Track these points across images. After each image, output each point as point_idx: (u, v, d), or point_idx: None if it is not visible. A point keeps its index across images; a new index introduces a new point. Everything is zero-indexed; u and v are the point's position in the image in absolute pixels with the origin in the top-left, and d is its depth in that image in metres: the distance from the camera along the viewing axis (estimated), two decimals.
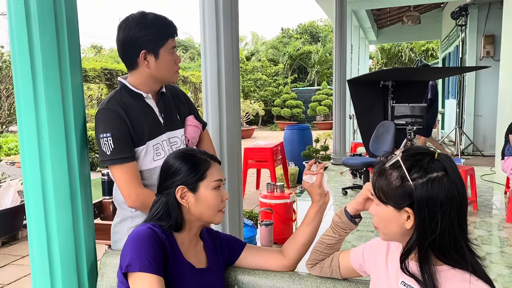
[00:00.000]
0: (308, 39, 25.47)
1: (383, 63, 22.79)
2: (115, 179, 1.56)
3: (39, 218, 1.49)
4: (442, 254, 1.03)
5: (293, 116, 18.98)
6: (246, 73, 20.29)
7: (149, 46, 1.54)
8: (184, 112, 1.77)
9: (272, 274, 1.42)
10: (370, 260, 1.25)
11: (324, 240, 1.35)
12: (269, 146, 6.47)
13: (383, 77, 6.19)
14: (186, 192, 1.27)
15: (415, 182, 1.02)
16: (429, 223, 1.00)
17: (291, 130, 7.83)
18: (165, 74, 1.60)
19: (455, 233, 1.02)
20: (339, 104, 7.87)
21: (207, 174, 1.29)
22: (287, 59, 22.54)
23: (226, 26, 2.36)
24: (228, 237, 1.46)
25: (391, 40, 16.62)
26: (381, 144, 5.39)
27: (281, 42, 24.82)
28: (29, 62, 1.41)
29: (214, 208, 1.30)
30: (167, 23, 1.57)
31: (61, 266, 1.51)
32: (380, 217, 1.10)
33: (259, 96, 19.74)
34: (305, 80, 23.34)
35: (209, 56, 2.38)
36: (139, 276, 1.13)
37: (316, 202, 1.40)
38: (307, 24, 26.55)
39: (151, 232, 1.20)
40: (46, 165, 1.46)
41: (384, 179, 1.06)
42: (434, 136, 12.10)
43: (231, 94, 2.41)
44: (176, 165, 1.29)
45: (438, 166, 1.03)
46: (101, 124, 1.54)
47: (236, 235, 2.56)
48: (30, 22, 1.40)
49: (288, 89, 19.84)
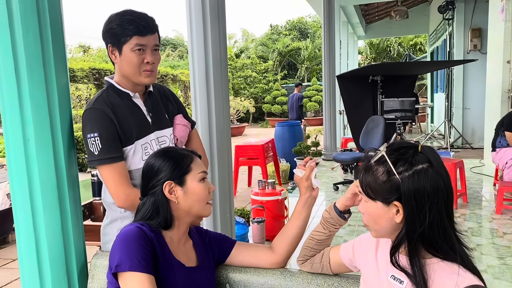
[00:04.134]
0: (297, 35, 25.48)
1: (372, 58, 22.89)
2: (104, 180, 1.55)
3: (27, 221, 1.47)
4: (431, 246, 1.04)
5: (284, 113, 18.99)
6: (236, 71, 20.27)
7: (113, 40, 1.54)
8: (173, 111, 1.76)
9: (264, 271, 1.42)
10: (360, 255, 1.25)
11: (314, 236, 1.35)
12: (260, 143, 6.47)
13: (372, 72, 6.21)
14: (174, 187, 1.27)
15: (402, 176, 1.02)
16: (417, 215, 1.01)
17: (281, 127, 7.82)
18: (128, 72, 1.56)
19: (443, 223, 1.03)
20: (329, 100, 7.89)
21: (192, 167, 1.30)
22: (277, 55, 22.53)
23: (213, 23, 2.35)
24: (217, 235, 1.46)
25: (380, 35, 16.71)
26: (371, 138, 5.42)
27: (270, 39, 24.80)
28: (12, 63, 1.39)
29: (203, 199, 1.30)
30: (133, 20, 1.51)
31: (51, 269, 1.50)
32: (369, 214, 1.10)
33: (249, 94, 19.72)
34: (295, 77, 23.35)
35: (196, 54, 2.37)
36: (129, 276, 1.13)
37: (303, 195, 1.41)
38: (296, 21, 26.56)
39: (140, 231, 1.19)
40: (32, 167, 1.45)
41: (370, 175, 1.07)
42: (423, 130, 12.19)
43: (219, 92, 2.41)
44: (159, 163, 1.28)
45: (422, 158, 1.04)
46: (88, 124, 1.52)
47: (227, 233, 2.56)
48: (12, 22, 1.38)
49: (278, 86, 19.86)
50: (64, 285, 1.53)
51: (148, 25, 1.53)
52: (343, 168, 6.76)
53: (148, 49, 1.54)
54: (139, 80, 1.57)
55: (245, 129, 16.24)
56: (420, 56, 17.00)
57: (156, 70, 1.60)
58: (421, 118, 13.29)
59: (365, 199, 1.10)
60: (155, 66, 1.58)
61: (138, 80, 1.57)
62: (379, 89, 6.20)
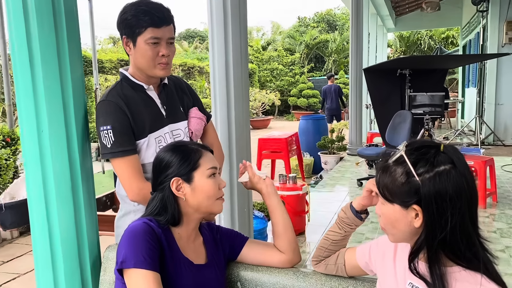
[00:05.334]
0: (325, 27, 25.12)
1: (402, 51, 22.37)
2: (117, 173, 1.54)
3: (41, 212, 1.48)
4: (453, 253, 0.97)
5: (310, 106, 18.79)
6: (262, 63, 20.17)
7: (128, 31, 1.50)
8: (188, 104, 1.73)
9: (276, 270, 1.38)
10: (377, 259, 1.19)
11: (329, 236, 1.30)
12: (283, 136, 6.41)
13: (400, 65, 6.04)
14: (181, 183, 1.24)
15: (422, 177, 0.96)
16: (438, 220, 0.95)
17: (306, 120, 7.74)
18: (143, 65, 1.53)
19: (467, 228, 0.96)
20: (355, 94, 7.74)
21: (200, 163, 1.26)
22: (304, 48, 22.30)
23: (234, 16, 2.31)
24: (229, 231, 1.42)
25: (410, 28, 16.26)
26: (398, 134, 5.28)
27: (297, 31, 24.54)
28: (27, 55, 1.39)
29: (212, 196, 1.26)
30: (148, 11, 1.47)
31: (63, 260, 1.50)
32: (386, 217, 1.03)
33: (275, 86, 19.60)
34: (322, 70, 23.08)
35: (217, 47, 2.33)
36: (134, 273, 1.10)
37: (261, 190, 1.43)
38: (324, 13, 26.18)
39: (147, 227, 1.17)
40: (46, 158, 1.45)
41: (388, 176, 1.00)
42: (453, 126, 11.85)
43: (239, 85, 2.36)
44: (167, 158, 1.25)
45: (444, 159, 0.97)
46: (101, 117, 1.51)
47: (245, 228, 2.53)
48: (27, 13, 1.38)
49: (305, 79, 19.64)
50: (77, 276, 1.54)
51: (163, 17, 1.49)
52: (368, 163, 6.63)
53: (163, 41, 1.51)
54: (153, 73, 1.54)
55: (270, 122, 16.16)
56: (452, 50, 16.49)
57: (171, 63, 1.57)
58: (451, 113, 12.91)
59: (382, 201, 1.03)
60: (170, 59, 1.55)
61: (152, 73, 1.54)
62: (407, 83, 6.01)
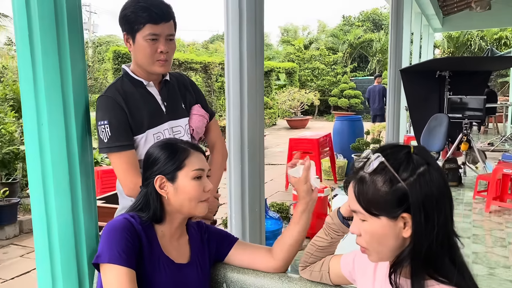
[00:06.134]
0: (370, 27, 24.58)
1: (450, 52, 21.52)
2: (113, 167, 1.56)
3: (40, 204, 1.51)
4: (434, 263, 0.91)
5: (351, 107, 18.45)
6: (303, 62, 19.99)
7: (127, 28, 1.51)
8: (190, 101, 1.72)
9: (262, 274, 1.35)
10: (359, 269, 1.14)
11: (316, 242, 1.25)
12: (315, 137, 6.32)
13: (440, 66, 5.80)
14: (165, 182, 1.23)
15: (407, 182, 0.90)
16: (426, 225, 0.89)
17: (341, 121, 7.60)
18: (141, 61, 1.54)
19: (450, 228, 0.92)
20: (394, 95, 7.48)
21: (186, 163, 1.24)
22: (347, 47, 21.91)
23: (249, 15, 2.28)
24: (218, 231, 1.40)
25: (459, 28, 15.58)
26: (433, 138, 5.08)
27: (341, 30, 24.15)
28: (29, 48, 1.43)
29: (194, 198, 1.23)
30: (147, 7, 1.47)
31: (60, 251, 1.53)
32: (371, 234, 0.94)
33: (316, 86, 19.38)
34: (366, 70, 22.60)
35: (231, 46, 2.31)
36: (108, 268, 1.11)
37: (302, 199, 1.30)
38: (370, 12, 25.62)
39: (126, 223, 1.17)
40: (45, 151, 1.48)
41: (369, 188, 0.93)
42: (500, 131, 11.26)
43: (253, 85, 2.33)
44: (155, 154, 1.25)
45: (419, 159, 0.91)
46: (99, 112, 1.53)
47: (256, 228, 2.51)
48: (29, 7, 1.41)
49: (347, 79, 19.29)
50: (73, 268, 1.56)
51: (162, 13, 1.49)
52: None
53: (161, 38, 1.51)
54: (152, 69, 1.55)
55: (309, 122, 15.99)
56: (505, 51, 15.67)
57: (170, 59, 1.57)
58: (499, 118, 12.27)
59: (363, 217, 0.95)
60: (169, 55, 1.55)
61: (151, 69, 1.55)
62: (446, 85, 5.77)
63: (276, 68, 17.70)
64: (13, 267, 3.79)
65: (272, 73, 17.23)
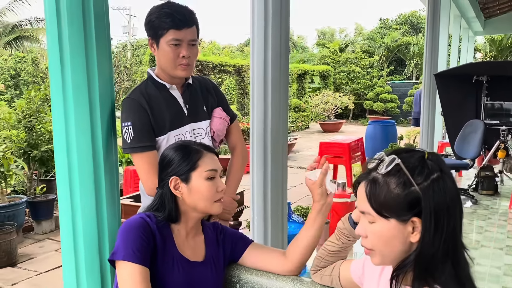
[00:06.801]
0: (408, 29, 24.07)
1: (493, 56, 20.77)
2: (135, 167, 1.61)
3: (66, 202, 1.58)
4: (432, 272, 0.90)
5: (387, 111, 18.11)
6: (338, 65, 19.80)
7: (152, 33, 1.57)
8: (212, 104, 1.76)
9: (275, 276, 1.37)
10: (367, 274, 1.14)
11: (327, 247, 1.26)
12: (346, 141, 6.27)
13: (477, 71, 5.62)
14: (179, 183, 1.27)
15: (421, 186, 0.89)
16: (434, 232, 0.89)
17: (374, 126, 7.51)
18: (164, 65, 1.59)
19: (458, 238, 0.91)
20: (429, 100, 7.30)
21: (199, 164, 1.28)
22: (384, 50, 21.55)
23: (275, 19, 2.30)
24: (234, 233, 1.43)
25: (502, 31, 15.06)
26: (467, 144, 4.94)
27: (378, 33, 23.78)
28: (58, 52, 1.50)
29: (209, 198, 1.28)
30: (170, 13, 1.53)
31: (84, 247, 1.60)
32: (378, 236, 0.94)
33: (351, 89, 19.15)
34: (402, 73, 22.16)
35: (256, 49, 2.34)
36: (122, 265, 1.16)
37: (317, 202, 1.31)
38: (408, 14, 25.10)
39: (142, 222, 1.21)
40: (72, 151, 1.55)
41: (380, 189, 0.93)
42: None
43: (277, 88, 2.35)
44: (170, 156, 1.29)
45: (433, 165, 0.90)
46: (124, 113, 1.59)
47: (278, 231, 2.52)
48: (59, 13, 1.48)
49: (383, 82, 18.96)
50: (96, 264, 1.62)
51: (184, 19, 1.54)
52: None
53: (184, 43, 1.56)
54: (174, 74, 1.60)
55: (342, 126, 15.82)
56: None
57: (192, 64, 1.62)
58: None
59: (371, 218, 0.95)
60: (191, 60, 1.60)
61: (173, 73, 1.60)
62: (484, 90, 5.59)
63: (310, 71, 17.62)
64: (48, 261, 3.96)
65: (306, 76, 17.17)
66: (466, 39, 12.09)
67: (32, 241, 4.48)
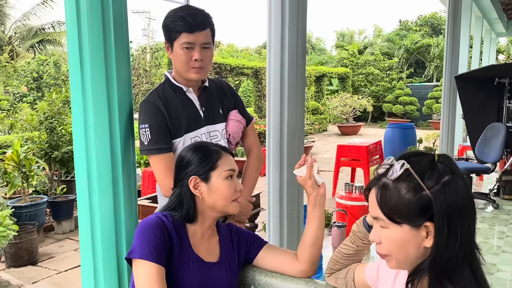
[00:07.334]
0: (429, 31, 23.76)
1: None
2: (152, 169, 1.63)
3: (85, 201, 1.61)
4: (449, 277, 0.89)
5: (406, 114, 17.89)
6: (357, 67, 19.66)
7: (167, 36, 1.59)
8: (228, 106, 1.77)
9: (289, 278, 1.37)
10: (382, 277, 1.13)
11: (341, 250, 1.26)
12: (364, 144, 6.22)
13: (499, 73, 5.52)
14: (199, 182, 1.29)
15: (432, 190, 0.89)
16: (448, 236, 0.88)
17: (392, 129, 7.43)
18: (178, 68, 1.61)
19: (472, 240, 0.90)
20: (449, 102, 7.19)
21: (219, 164, 1.30)
22: (403, 52, 21.31)
23: (291, 19, 2.31)
24: (248, 234, 1.44)
25: None
26: (489, 148, 4.84)
27: (398, 34, 23.54)
28: (78, 56, 1.53)
29: (227, 198, 1.30)
30: (183, 17, 1.54)
31: (102, 246, 1.63)
32: (392, 242, 0.94)
33: (369, 92, 18.98)
34: (422, 76, 21.88)
35: (273, 52, 2.35)
36: (139, 263, 1.17)
37: (310, 195, 1.34)
38: (428, 16, 24.79)
39: (158, 221, 1.23)
40: (91, 152, 1.58)
41: (392, 195, 0.92)
42: None
43: (293, 90, 2.35)
44: (188, 157, 1.31)
45: (444, 168, 0.90)
46: (141, 116, 1.62)
47: (294, 234, 2.52)
48: (80, 18, 1.51)
49: (402, 85, 18.74)
50: (113, 262, 1.65)
51: (197, 22, 1.55)
52: None
53: (196, 46, 1.57)
54: (188, 76, 1.62)
55: (361, 129, 15.69)
56: None
57: (206, 67, 1.62)
58: None
59: (384, 224, 0.94)
60: (204, 63, 1.60)
61: (187, 76, 1.62)
62: (506, 93, 5.48)
63: (328, 73, 17.54)
64: (68, 260, 4.04)
65: (324, 78, 17.09)
66: (488, 40, 11.87)
67: (52, 241, 4.58)
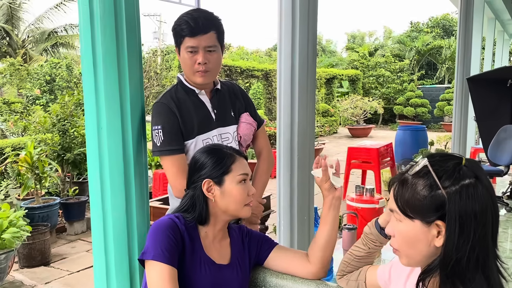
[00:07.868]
0: (440, 33, 23.58)
1: None
2: (164, 170, 1.65)
3: (97, 202, 1.63)
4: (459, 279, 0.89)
5: (417, 116, 17.75)
6: (368, 69, 19.57)
7: (175, 41, 1.62)
8: (240, 109, 1.78)
9: (300, 280, 1.37)
10: (394, 279, 1.13)
11: (353, 252, 1.26)
12: (375, 146, 6.19)
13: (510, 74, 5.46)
14: (212, 185, 1.30)
15: (447, 190, 0.89)
16: (459, 238, 0.88)
17: (403, 131, 7.38)
18: (185, 72, 1.63)
19: (486, 248, 0.89)
20: (461, 104, 7.13)
21: (232, 168, 1.30)
22: (414, 54, 21.17)
23: (302, 21, 2.31)
24: (259, 235, 1.44)
25: None
26: (501, 151, 4.79)
27: (409, 36, 23.38)
28: (91, 59, 1.55)
29: (240, 201, 1.30)
30: (186, 21, 1.56)
31: (114, 247, 1.64)
32: (403, 236, 0.96)
33: (380, 94, 18.87)
34: (434, 77, 21.70)
35: (283, 54, 2.35)
36: (152, 264, 1.18)
37: (326, 197, 1.34)
38: (440, 17, 24.60)
39: (171, 223, 1.24)
40: (103, 153, 1.60)
41: (408, 190, 0.94)
42: None
43: (304, 92, 2.36)
44: (202, 159, 1.32)
45: (468, 172, 0.90)
46: (154, 117, 1.63)
47: (304, 236, 2.51)
48: (93, 22, 1.54)
49: (414, 87, 18.60)
50: (125, 263, 1.67)
51: (198, 26, 1.56)
52: None
53: (200, 50, 1.58)
54: (193, 80, 1.64)
55: (372, 131, 15.60)
56: None
57: (212, 70, 1.63)
58: None
59: (399, 217, 0.97)
60: (208, 66, 1.61)
61: (193, 79, 1.64)
62: None
63: (339, 75, 17.49)
64: (79, 261, 4.08)
65: (335, 80, 17.05)
66: (501, 42, 11.76)
67: (64, 242, 4.62)
